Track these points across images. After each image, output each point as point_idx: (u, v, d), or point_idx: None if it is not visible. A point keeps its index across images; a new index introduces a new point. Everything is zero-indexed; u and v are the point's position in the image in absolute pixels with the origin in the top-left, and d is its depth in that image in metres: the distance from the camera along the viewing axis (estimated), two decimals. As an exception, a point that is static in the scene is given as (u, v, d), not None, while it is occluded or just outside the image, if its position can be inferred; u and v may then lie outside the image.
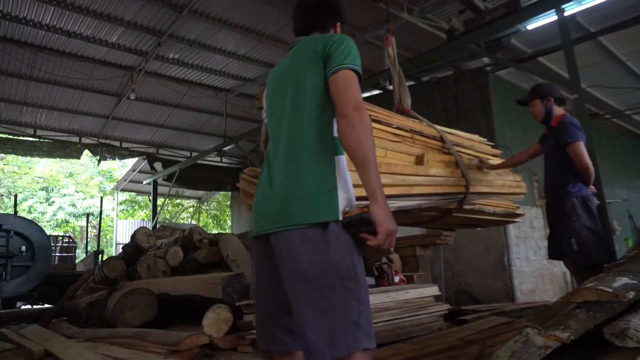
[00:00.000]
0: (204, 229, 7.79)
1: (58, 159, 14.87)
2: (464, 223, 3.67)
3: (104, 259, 7.35)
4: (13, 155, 13.93)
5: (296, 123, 1.39)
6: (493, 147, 3.76)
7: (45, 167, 20.80)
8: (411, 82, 7.09)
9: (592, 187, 3.16)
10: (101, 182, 21.97)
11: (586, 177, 3.08)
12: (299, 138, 1.37)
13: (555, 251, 3.23)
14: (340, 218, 1.27)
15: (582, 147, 3.06)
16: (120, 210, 20.02)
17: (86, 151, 10.74)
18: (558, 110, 3.25)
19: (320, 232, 1.25)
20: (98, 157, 11.01)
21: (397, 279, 4.47)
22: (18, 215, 7.47)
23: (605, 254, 3.00)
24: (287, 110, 1.43)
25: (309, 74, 1.41)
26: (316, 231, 1.25)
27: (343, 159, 1.37)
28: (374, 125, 2.47)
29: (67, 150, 10.38)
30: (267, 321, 1.39)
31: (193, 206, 19.22)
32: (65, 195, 20.53)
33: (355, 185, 1.39)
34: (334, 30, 1.67)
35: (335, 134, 1.37)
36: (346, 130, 1.28)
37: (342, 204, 1.29)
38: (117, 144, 11.09)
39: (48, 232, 13.26)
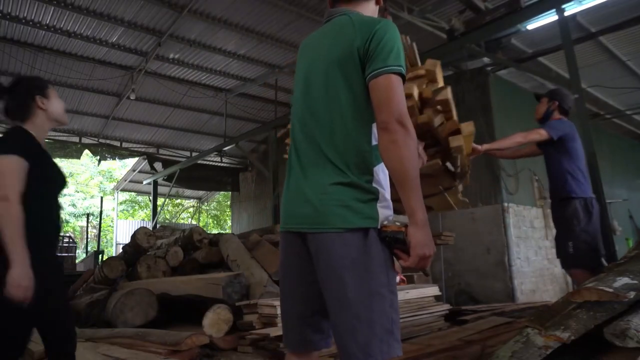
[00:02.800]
0: (204, 229, 7.79)
1: (58, 159, 14.86)
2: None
3: (104, 259, 7.34)
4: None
5: (332, 126, 1.29)
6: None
7: (45, 167, 20.76)
8: (411, 82, 7.07)
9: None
10: (101, 182, 21.97)
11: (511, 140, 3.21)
12: (336, 143, 1.27)
13: None
14: (379, 227, 1.23)
15: (542, 132, 3.16)
16: (121, 210, 20.02)
17: (86, 151, 10.74)
18: (556, 115, 3.32)
19: (360, 238, 1.21)
20: (98, 157, 11.01)
21: (397, 279, 4.48)
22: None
23: (597, 258, 3.02)
24: (322, 106, 1.31)
25: (345, 74, 1.27)
26: (356, 236, 1.21)
27: (383, 168, 1.29)
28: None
29: (67, 150, 10.39)
30: (297, 321, 1.34)
31: (193, 206, 19.22)
32: (65, 195, 20.55)
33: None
34: None
35: (375, 142, 1.27)
36: (387, 146, 1.19)
37: (381, 214, 1.24)
38: (117, 144, 11.09)
39: (48, 232, 13.19)
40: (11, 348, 1.61)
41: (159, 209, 13.36)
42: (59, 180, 1.86)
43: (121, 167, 19.56)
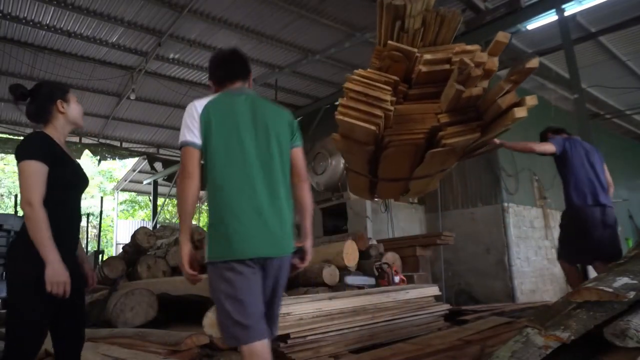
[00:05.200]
0: (204, 229, 7.78)
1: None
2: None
3: (104, 259, 7.35)
4: (13, 155, 13.93)
5: (285, 176, 1.80)
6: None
7: (45, 167, 20.73)
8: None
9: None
10: (101, 182, 21.96)
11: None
12: (287, 187, 1.79)
13: None
14: None
15: (550, 147, 3.64)
16: (121, 210, 20.02)
17: (86, 151, 10.73)
18: (564, 134, 3.87)
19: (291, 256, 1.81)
20: (98, 157, 11.01)
21: (397, 279, 4.48)
22: (18, 215, 7.47)
23: (570, 255, 3.71)
24: (276, 157, 1.77)
25: (287, 139, 1.84)
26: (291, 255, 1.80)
27: None
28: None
29: (67, 150, 10.37)
30: (261, 320, 1.69)
31: (193, 206, 19.19)
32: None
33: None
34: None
35: None
36: (307, 191, 1.89)
37: None
38: (117, 144, 11.09)
39: (48, 232, 13.18)
40: (31, 341, 1.71)
41: (159, 209, 13.36)
42: (80, 182, 1.94)
43: (121, 167, 19.54)
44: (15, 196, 9.50)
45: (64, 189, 1.82)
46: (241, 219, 1.64)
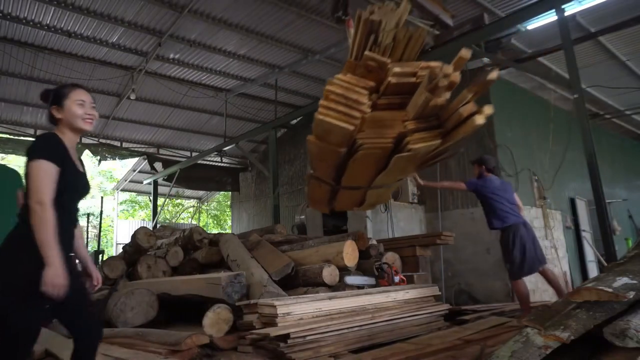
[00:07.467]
0: (204, 229, 7.79)
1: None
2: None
3: (104, 259, 7.35)
4: (13, 155, 13.91)
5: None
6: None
7: (45, 167, 20.70)
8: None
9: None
10: (101, 182, 21.96)
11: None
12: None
13: None
14: None
15: (462, 185, 4.61)
16: (121, 210, 20.02)
17: (86, 151, 10.72)
18: (485, 174, 4.53)
19: None
20: (98, 157, 10.99)
21: (397, 279, 4.48)
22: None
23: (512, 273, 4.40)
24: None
25: None
26: None
27: None
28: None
29: (67, 150, 10.36)
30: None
31: (193, 206, 19.21)
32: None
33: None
34: None
35: None
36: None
37: None
38: (117, 144, 11.09)
39: (48, 232, 13.14)
40: (22, 348, 1.69)
41: (159, 209, 13.36)
42: (82, 189, 1.94)
43: (121, 167, 19.51)
44: (15, 196, 9.48)
45: (66, 193, 1.81)
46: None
